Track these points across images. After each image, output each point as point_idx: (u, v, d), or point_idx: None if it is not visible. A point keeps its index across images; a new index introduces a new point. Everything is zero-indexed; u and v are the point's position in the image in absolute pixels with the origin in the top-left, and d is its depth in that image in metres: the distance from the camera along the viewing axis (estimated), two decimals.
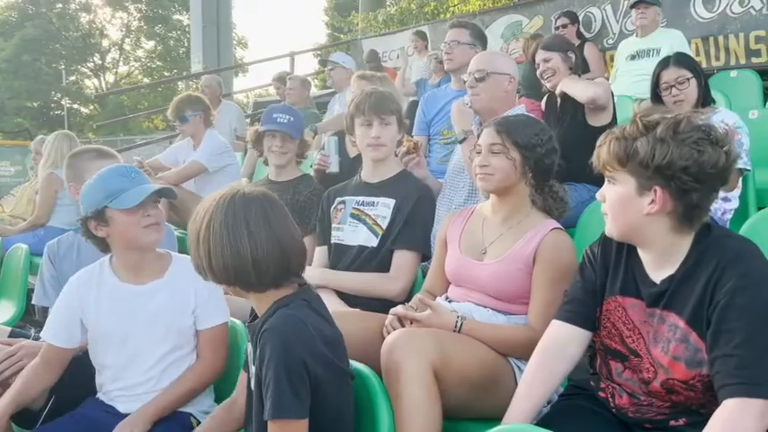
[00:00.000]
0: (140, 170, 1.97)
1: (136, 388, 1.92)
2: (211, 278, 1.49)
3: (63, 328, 1.95)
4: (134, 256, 1.95)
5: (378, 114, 2.40)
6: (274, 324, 1.42)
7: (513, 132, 1.96)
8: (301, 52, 13.15)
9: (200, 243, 1.45)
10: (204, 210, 1.47)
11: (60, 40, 29.52)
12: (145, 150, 11.84)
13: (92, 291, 1.95)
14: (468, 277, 1.99)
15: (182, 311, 1.91)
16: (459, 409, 1.72)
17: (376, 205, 2.41)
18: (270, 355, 1.38)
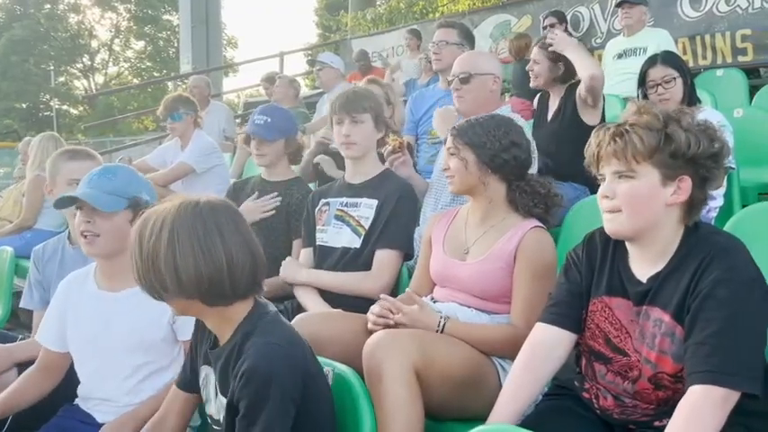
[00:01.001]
0: (106, 175, 1.90)
1: (113, 399, 1.86)
2: (172, 295, 1.38)
3: (55, 332, 1.92)
4: (102, 262, 1.91)
5: (348, 113, 2.39)
6: (257, 362, 1.34)
7: (464, 133, 1.98)
8: (291, 52, 13.13)
9: (162, 259, 1.35)
10: (159, 225, 1.37)
11: (49, 41, 29.38)
12: (134, 151, 11.78)
13: (74, 296, 1.92)
14: (451, 277, 1.99)
15: (154, 322, 1.84)
16: (442, 408, 1.72)
17: (359, 206, 2.41)
18: (253, 392, 1.32)
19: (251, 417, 1.33)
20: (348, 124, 2.39)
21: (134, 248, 1.39)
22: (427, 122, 3.68)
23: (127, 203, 1.86)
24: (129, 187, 1.90)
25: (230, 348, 1.44)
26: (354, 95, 2.42)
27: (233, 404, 1.38)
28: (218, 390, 1.49)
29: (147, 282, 1.39)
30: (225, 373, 1.45)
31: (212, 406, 1.55)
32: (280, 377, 1.34)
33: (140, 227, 1.40)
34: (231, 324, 1.45)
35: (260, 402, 1.33)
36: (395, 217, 2.34)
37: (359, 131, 2.39)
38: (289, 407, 1.36)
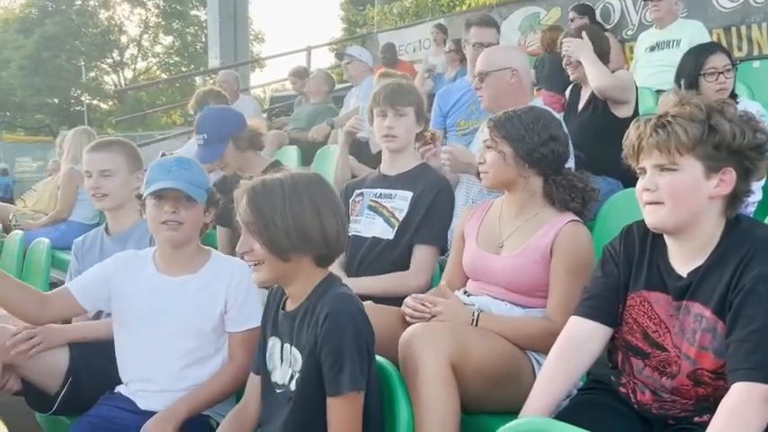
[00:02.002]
0: (183, 166, 1.93)
1: (156, 381, 1.91)
2: (296, 252, 1.53)
3: (89, 287, 1.97)
4: (165, 248, 1.97)
5: (392, 105, 2.40)
6: (338, 306, 1.50)
7: (501, 126, 1.96)
8: (318, 47, 13.16)
9: (284, 210, 1.51)
10: (288, 189, 1.54)
11: (80, 37, 29.82)
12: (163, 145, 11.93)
13: (131, 272, 1.97)
14: (485, 271, 1.98)
15: (207, 310, 1.90)
16: (476, 402, 1.72)
17: (393, 198, 2.41)
18: (340, 335, 1.46)
19: (338, 363, 1.46)
20: (391, 117, 2.40)
21: (268, 212, 1.51)
22: (455, 115, 3.67)
23: (206, 195, 1.93)
24: (203, 179, 1.96)
25: (306, 307, 1.57)
26: (399, 88, 2.43)
27: (312, 354, 1.50)
28: (292, 343, 1.59)
29: (279, 241, 1.52)
30: (300, 329, 1.57)
31: (277, 373, 1.63)
32: (356, 321, 1.49)
33: (265, 193, 1.53)
34: (311, 286, 1.59)
35: (343, 345, 1.46)
36: (433, 212, 2.34)
37: (401, 124, 2.40)
38: (364, 352, 1.49)
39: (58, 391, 2.07)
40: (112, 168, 2.38)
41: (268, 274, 1.58)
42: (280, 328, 1.66)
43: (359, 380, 1.46)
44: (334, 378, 1.47)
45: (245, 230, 1.56)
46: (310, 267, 1.59)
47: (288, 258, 1.54)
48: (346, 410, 1.48)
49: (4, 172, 18.49)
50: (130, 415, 1.88)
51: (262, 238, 1.53)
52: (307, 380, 1.53)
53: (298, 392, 1.55)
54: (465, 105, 3.66)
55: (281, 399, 1.61)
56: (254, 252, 1.55)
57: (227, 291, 1.89)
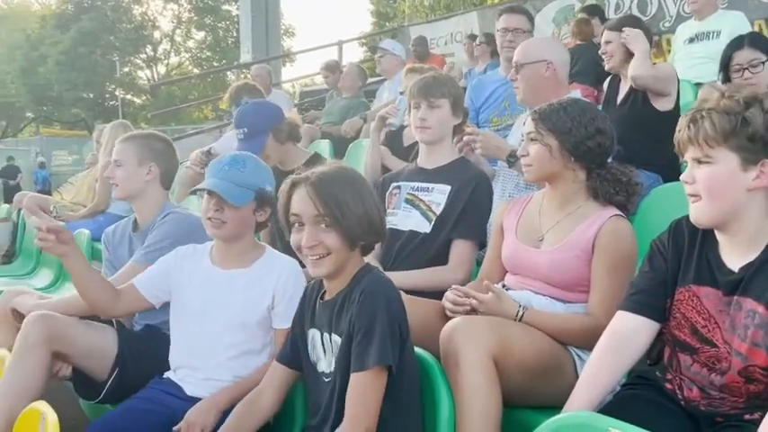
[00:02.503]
0: (236, 165, 1.96)
1: (202, 369, 1.96)
2: (358, 240, 1.57)
3: (152, 282, 2.04)
4: (219, 243, 2.02)
5: (426, 97, 2.39)
6: (373, 287, 1.54)
7: (547, 118, 1.93)
8: (349, 41, 13.12)
9: (355, 199, 1.55)
10: (337, 171, 1.60)
11: (114, 33, 30.34)
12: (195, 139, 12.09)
13: (189, 265, 2.03)
14: (524, 265, 1.97)
15: (255, 305, 1.93)
16: (517, 396, 1.71)
17: (431, 191, 2.40)
18: (372, 312, 1.48)
19: (367, 337, 1.48)
20: (424, 108, 2.38)
21: (343, 201, 1.54)
22: (488, 109, 3.65)
23: (254, 195, 1.94)
24: (257, 179, 1.97)
25: (344, 294, 1.60)
26: (433, 80, 2.42)
27: (348, 335, 1.53)
28: (332, 331, 1.60)
29: (353, 229, 1.55)
30: (339, 315, 1.59)
31: (323, 363, 1.65)
32: (390, 299, 1.52)
33: (334, 183, 1.56)
34: (351, 275, 1.61)
35: (374, 322, 1.48)
36: (472, 206, 2.33)
37: (434, 116, 2.39)
38: (396, 331, 1.50)
39: (106, 379, 2.13)
40: (121, 159, 2.42)
41: (332, 266, 1.58)
42: (318, 318, 1.67)
43: (386, 356, 1.46)
44: (361, 353, 1.48)
45: (311, 223, 1.56)
46: (357, 257, 1.63)
47: (355, 246, 1.58)
48: (368, 386, 1.48)
49: (42, 165, 18.94)
50: (176, 400, 1.93)
51: (338, 228, 1.54)
52: (342, 361, 1.54)
53: (335, 375, 1.57)
54: (498, 101, 3.64)
55: (328, 386, 1.63)
56: (322, 245, 1.55)
57: (275, 287, 1.92)
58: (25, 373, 1.93)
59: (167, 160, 2.48)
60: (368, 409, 1.47)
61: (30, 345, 1.96)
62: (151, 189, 2.43)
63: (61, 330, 2.03)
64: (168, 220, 2.33)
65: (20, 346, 1.96)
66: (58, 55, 27.51)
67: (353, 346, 1.50)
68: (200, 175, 4.39)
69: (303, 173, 1.61)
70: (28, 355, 1.95)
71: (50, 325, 2.01)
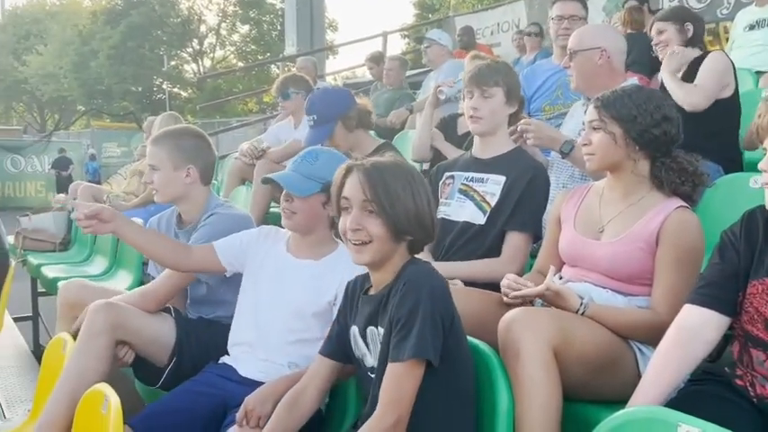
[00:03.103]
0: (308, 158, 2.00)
1: (259, 352, 2.00)
2: (406, 233, 1.54)
3: (231, 249, 2.07)
4: (294, 234, 2.05)
5: (478, 86, 2.34)
6: (416, 277, 1.50)
7: (611, 105, 1.86)
8: (394, 32, 13.04)
9: (405, 191, 1.53)
10: (395, 163, 1.58)
11: (162, 27, 30.93)
12: (240, 132, 12.27)
13: (267, 246, 2.08)
14: (584, 257, 1.92)
15: (317, 297, 1.95)
16: (576, 390, 1.67)
17: (485, 182, 2.35)
18: (414, 303, 1.45)
19: (407, 327, 1.44)
20: (477, 97, 2.34)
21: (394, 190, 1.52)
22: (540, 99, 3.58)
23: (321, 187, 1.95)
24: (326, 172, 1.95)
25: (390, 287, 1.56)
26: (487, 68, 2.37)
27: (390, 326, 1.49)
28: (378, 324, 1.58)
29: (400, 220, 1.52)
30: (384, 307, 1.56)
31: (368, 358, 1.64)
32: (434, 291, 1.47)
33: (389, 172, 1.55)
34: (397, 269, 1.58)
35: (414, 312, 1.44)
36: (527, 198, 2.28)
37: (487, 105, 2.34)
38: (438, 324, 1.46)
39: (165, 366, 2.18)
40: (157, 163, 2.35)
41: (373, 255, 1.56)
42: (360, 314, 1.65)
43: (424, 349, 1.42)
44: (398, 343, 1.45)
45: (358, 208, 1.55)
46: (403, 252, 1.59)
47: (399, 239, 1.55)
48: (403, 376, 1.44)
49: (93, 157, 19.46)
50: (230, 382, 1.98)
51: (384, 216, 1.52)
52: (383, 354, 1.52)
53: (377, 367, 1.55)
54: (550, 89, 3.57)
55: (374, 381, 1.60)
56: (365, 230, 1.54)
57: (340, 284, 1.92)
58: (89, 360, 1.99)
59: (204, 157, 2.40)
60: (401, 399, 1.44)
61: (94, 333, 2.01)
62: (193, 191, 2.37)
63: (124, 319, 2.08)
64: (211, 221, 2.30)
65: (85, 334, 2.02)
66: (108, 49, 28.20)
67: (392, 336, 1.48)
68: (250, 166, 4.44)
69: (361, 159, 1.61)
70: (92, 343, 2.00)
71: (114, 314, 2.06)
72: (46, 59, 29.76)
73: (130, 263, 4.05)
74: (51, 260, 4.78)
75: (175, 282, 2.24)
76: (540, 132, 2.47)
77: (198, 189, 2.39)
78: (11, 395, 3.08)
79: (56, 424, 1.91)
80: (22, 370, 3.46)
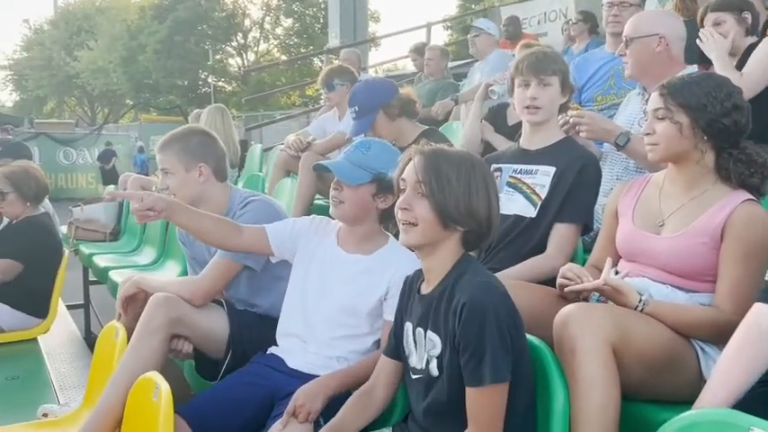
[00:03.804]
0: (360, 148, 1.98)
1: (308, 344, 1.99)
2: (455, 223, 1.51)
3: (283, 235, 2.06)
4: (344, 226, 2.04)
5: (536, 74, 2.25)
6: (480, 298, 1.43)
7: (678, 93, 1.77)
8: (438, 22, 12.90)
9: (459, 180, 1.50)
10: (465, 162, 1.53)
11: (207, 21, 31.32)
12: (283, 125, 12.37)
13: (319, 237, 2.07)
14: (642, 252, 1.84)
15: (368, 293, 1.94)
16: (635, 389, 1.61)
17: (535, 173, 2.28)
18: (481, 328, 1.40)
19: (477, 354, 1.40)
20: (534, 87, 2.26)
21: (446, 174, 1.50)
22: (592, 89, 3.49)
23: (371, 178, 1.94)
24: (377, 163, 1.97)
25: (442, 289, 1.53)
26: (544, 56, 2.29)
27: (451, 342, 1.46)
28: (428, 327, 1.55)
29: (448, 206, 1.49)
30: (436, 312, 1.53)
31: (414, 357, 1.61)
32: (499, 311, 1.42)
33: (446, 157, 1.53)
34: (449, 265, 1.55)
35: (483, 337, 1.40)
36: (578, 188, 2.20)
37: (545, 95, 2.26)
38: (507, 343, 1.42)
39: (222, 359, 2.19)
40: (169, 168, 2.33)
41: (418, 238, 1.54)
42: (414, 312, 1.63)
43: (501, 372, 1.40)
44: (474, 370, 1.41)
45: (411, 188, 1.54)
46: (455, 246, 1.56)
47: (447, 227, 1.52)
48: (486, 402, 1.42)
49: (141, 149, 19.91)
50: (278, 374, 1.98)
51: (432, 199, 1.50)
52: (450, 366, 1.49)
53: (441, 377, 1.52)
54: (603, 79, 3.47)
55: (420, 383, 1.59)
56: (412, 211, 1.52)
57: (390, 279, 1.91)
58: (145, 354, 2.00)
59: (213, 153, 2.38)
60: (491, 420, 1.43)
61: (153, 328, 2.02)
62: (209, 189, 2.35)
63: (183, 314, 2.09)
64: (250, 209, 2.29)
65: (142, 328, 2.03)
66: (155, 44, 28.72)
67: (464, 360, 1.43)
68: (295, 158, 4.45)
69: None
70: (149, 338, 2.01)
71: (173, 309, 2.06)
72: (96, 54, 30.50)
73: (178, 253, 4.10)
74: (102, 250, 4.90)
75: (222, 273, 2.22)
76: (593, 125, 2.38)
77: (215, 186, 2.37)
78: (64, 381, 3.15)
79: (109, 416, 1.94)
80: (75, 356, 3.54)
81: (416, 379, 1.60)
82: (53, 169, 17.26)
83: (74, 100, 37.51)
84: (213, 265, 2.24)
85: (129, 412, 1.90)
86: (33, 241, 3.61)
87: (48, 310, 3.64)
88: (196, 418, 1.84)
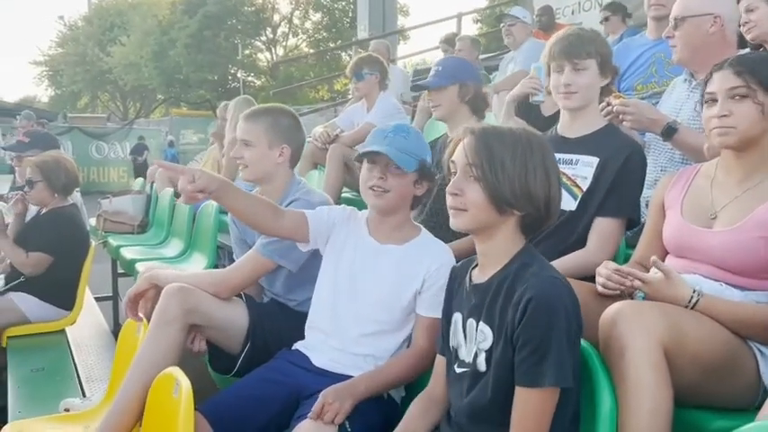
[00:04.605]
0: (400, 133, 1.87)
1: (334, 341, 1.91)
2: (510, 206, 1.40)
3: (320, 222, 1.97)
4: (373, 214, 1.95)
5: (569, 59, 2.12)
6: (548, 293, 1.33)
7: (757, 71, 1.62)
8: (469, 13, 12.70)
9: (514, 161, 1.39)
10: (522, 142, 1.42)
11: (237, 16, 31.47)
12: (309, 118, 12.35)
13: (351, 228, 1.98)
14: (693, 247, 1.72)
15: (403, 287, 1.85)
16: (687, 394, 1.48)
17: (575, 164, 2.15)
18: (548, 326, 1.30)
19: (539, 352, 1.30)
20: (568, 72, 2.12)
21: (499, 155, 1.39)
22: (632, 77, 3.33)
23: (417, 164, 1.86)
24: (419, 149, 1.89)
25: (501, 278, 1.43)
26: (578, 39, 2.14)
27: (508, 337, 1.36)
28: (480, 319, 1.45)
29: (502, 189, 1.39)
30: (492, 304, 1.43)
31: (463, 350, 1.51)
32: (568, 311, 1.32)
33: (499, 136, 1.42)
34: (508, 255, 1.45)
35: (549, 335, 1.30)
36: (622, 180, 2.06)
37: (581, 80, 2.12)
38: (573, 346, 1.32)
39: (239, 353, 2.11)
40: (252, 139, 2.27)
41: (468, 223, 1.44)
42: (465, 302, 1.53)
43: (565, 376, 1.29)
44: (533, 367, 1.30)
45: (461, 172, 1.44)
46: (513, 231, 1.45)
47: (502, 211, 1.41)
48: (538, 406, 1.32)
49: (171, 144, 20.11)
50: (303, 371, 1.90)
51: (484, 183, 1.39)
52: (499, 362, 1.38)
53: (487, 373, 1.42)
54: (644, 66, 3.31)
55: (464, 378, 1.48)
56: (463, 196, 1.42)
57: (426, 271, 1.82)
58: (162, 345, 1.93)
59: (297, 137, 2.35)
60: (539, 427, 1.32)
61: (168, 319, 1.95)
62: (281, 171, 2.31)
63: (199, 304, 2.01)
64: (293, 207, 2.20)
65: (158, 319, 1.96)
66: (186, 39, 28.93)
67: (521, 356, 1.33)
68: (322, 151, 4.39)
69: None
70: (166, 329, 1.94)
71: (188, 299, 1.99)
72: (128, 50, 30.85)
73: (205, 246, 4.07)
74: (130, 242, 4.90)
75: (254, 269, 2.14)
76: (639, 114, 2.24)
77: (285, 170, 2.33)
78: (90, 373, 3.13)
79: (128, 410, 1.88)
80: (102, 349, 3.52)
81: (461, 373, 1.49)
82: (85, 163, 17.53)
83: (107, 95, 38.02)
84: (246, 259, 2.17)
85: (149, 409, 1.84)
86: (61, 233, 3.60)
87: (74, 301, 3.63)
88: (217, 416, 1.77)
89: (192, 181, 1.74)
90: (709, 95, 1.71)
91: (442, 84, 2.64)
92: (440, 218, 2.44)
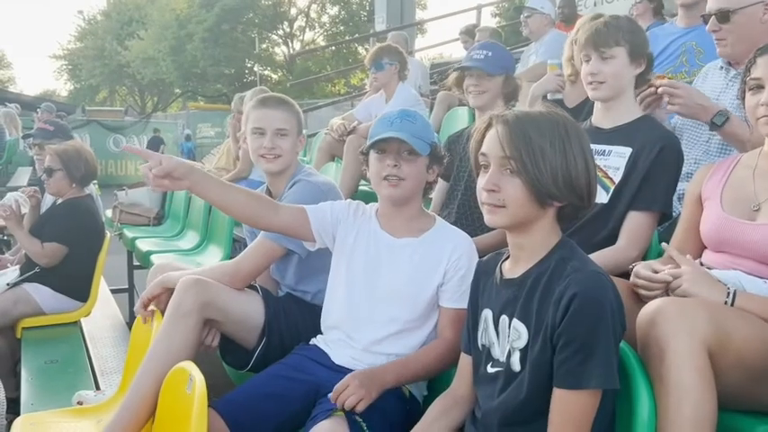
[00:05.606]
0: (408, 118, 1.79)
1: (356, 339, 1.83)
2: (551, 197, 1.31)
3: (323, 219, 1.89)
4: (386, 206, 1.86)
5: (596, 48, 2.03)
6: (593, 289, 1.24)
7: None
8: (489, 4, 12.53)
9: (554, 149, 1.29)
10: (547, 114, 1.33)
11: (254, 9, 31.50)
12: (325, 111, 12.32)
13: (358, 223, 1.90)
14: (733, 240, 1.62)
15: (424, 281, 1.77)
16: (731, 397, 1.39)
17: (608, 155, 2.06)
18: (594, 325, 1.22)
19: (584, 351, 1.22)
20: (595, 61, 2.04)
21: (538, 145, 1.29)
22: (661, 66, 3.20)
23: (430, 149, 1.79)
24: (428, 133, 1.82)
25: (538, 273, 1.35)
26: (605, 27, 2.05)
27: (547, 335, 1.28)
28: (514, 315, 1.36)
29: (544, 180, 1.29)
30: (528, 300, 1.34)
31: (495, 349, 1.43)
32: (613, 309, 1.24)
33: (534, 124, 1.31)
34: (545, 248, 1.36)
35: (595, 333, 1.22)
36: (656, 173, 1.97)
37: (608, 69, 2.03)
38: (618, 343, 1.25)
39: (254, 347, 2.05)
40: (288, 129, 2.23)
41: (506, 220, 1.34)
42: (495, 297, 1.44)
43: (612, 377, 1.22)
44: (576, 368, 1.22)
45: (496, 165, 1.33)
46: (551, 223, 1.37)
47: (544, 204, 1.32)
48: (579, 409, 1.24)
49: (188, 137, 20.19)
50: (322, 368, 1.83)
51: (525, 176, 1.29)
52: (536, 362, 1.30)
53: (522, 373, 1.33)
54: (674, 56, 3.19)
55: (496, 379, 1.40)
56: (500, 193, 1.32)
57: (447, 262, 1.74)
58: (176, 339, 1.87)
59: (303, 127, 2.36)
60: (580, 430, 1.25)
61: (184, 312, 1.88)
62: (295, 159, 2.31)
63: (214, 297, 1.94)
64: (295, 190, 2.16)
65: (173, 313, 1.90)
66: (203, 32, 29.02)
67: (563, 356, 1.25)
68: (339, 143, 4.32)
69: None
70: (180, 323, 1.88)
71: (204, 292, 1.92)
72: (146, 44, 31.01)
73: (221, 238, 4.03)
74: (145, 234, 4.88)
75: (263, 254, 2.08)
76: (689, 98, 2.11)
77: (296, 159, 2.33)
78: (105, 366, 3.10)
79: (140, 405, 1.82)
80: (117, 341, 3.49)
81: (494, 373, 1.41)
82: (103, 156, 17.59)
83: (125, 89, 38.29)
84: (255, 245, 2.11)
85: (162, 404, 1.78)
86: (77, 224, 3.56)
87: (89, 293, 3.60)
88: (232, 413, 1.70)
89: (158, 164, 1.66)
90: (754, 82, 1.61)
91: (492, 71, 2.56)
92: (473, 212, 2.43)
